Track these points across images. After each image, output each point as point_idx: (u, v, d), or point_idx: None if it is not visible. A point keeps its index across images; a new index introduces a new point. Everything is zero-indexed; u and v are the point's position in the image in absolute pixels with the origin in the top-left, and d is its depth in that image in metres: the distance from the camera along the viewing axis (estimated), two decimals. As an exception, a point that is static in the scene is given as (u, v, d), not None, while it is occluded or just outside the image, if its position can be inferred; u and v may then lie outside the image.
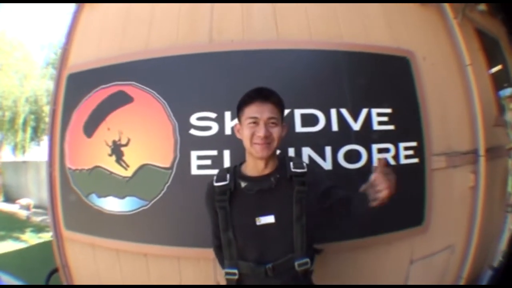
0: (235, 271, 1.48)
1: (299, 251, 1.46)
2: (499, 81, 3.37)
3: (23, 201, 10.36)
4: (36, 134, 13.11)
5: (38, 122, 12.88)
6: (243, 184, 1.49)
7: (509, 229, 2.96)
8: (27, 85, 12.34)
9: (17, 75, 12.28)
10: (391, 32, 2.35)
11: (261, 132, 1.41)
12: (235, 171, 1.55)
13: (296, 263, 1.45)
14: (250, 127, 1.44)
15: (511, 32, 3.39)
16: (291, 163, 1.51)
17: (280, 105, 1.49)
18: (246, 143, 1.46)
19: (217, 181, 1.52)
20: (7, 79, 11.88)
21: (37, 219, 8.69)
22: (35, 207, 10.09)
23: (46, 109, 11.64)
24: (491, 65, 3.42)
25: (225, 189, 1.49)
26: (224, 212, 1.48)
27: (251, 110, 1.44)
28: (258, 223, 1.45)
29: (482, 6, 3.04)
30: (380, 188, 1.32)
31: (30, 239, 6.89)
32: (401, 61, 2.28)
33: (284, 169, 1.50)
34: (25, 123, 12.45)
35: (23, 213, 9.55)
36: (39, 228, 7.69)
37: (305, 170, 1.50)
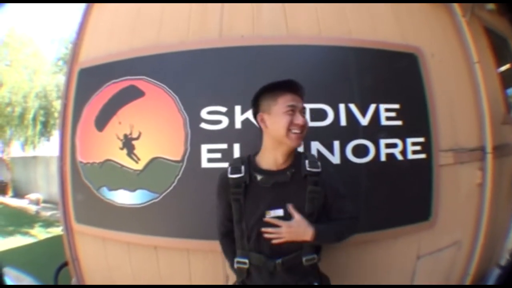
0: (246, 260, 1.52)
1: (307, 248, 1.51)
2: (508, 80, 3.37)
3: (32, 196, 10.45)
4: (45, 129, 13.10)
5: (47, 117, 12.84)
6: (259, 177, 1.50)
7: (517, 227, 2.95)
8: (37, 80, 12.34)
9: (26, 70, 12.30)
10: (400, 29, 2.36)
11: (299, 120, 1.44)
12: (250, 162, 1.55)
13: (304, 259, 1.49)
14: (288, 115, 1.44)
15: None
16: (307, 162, 1.52)
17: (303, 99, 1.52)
18: (281, 131, 1.44)
19: (231, 173, 1.52)
20: (17, 75, 11.89)
21: (46, 214, 8.75)
22: (44, 202, 10.17)
23: (56, 104, 11.60)
24: (500, 64, 3.42)
25: (240, 181, 1.50)
26: (238, 204, 1.51)
27: (287, 99, 1.45)
28: (267, 216, 1.47)
29: (491, 6, 3.04)
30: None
31: (39, 234, 6.93)
32: (409, 58, 2.30)
33: (299, 166, 1.52)
34: (34, 118, 12.45)
35: (32, 208, 9.63)
36: (48, 223, 7.74)
37: (319, 170, 1.51)
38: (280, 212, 1.47)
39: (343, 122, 2.07)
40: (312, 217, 1.48)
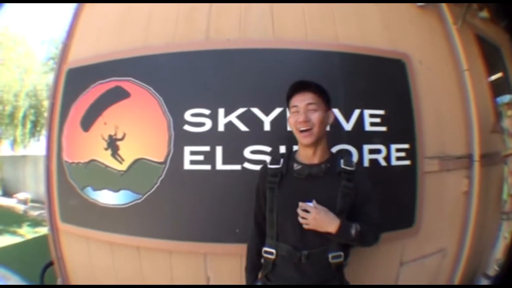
0: (273, 250, 1.59)
1: (334, 244, 1.54)
2: (499, 89, 3.36)
3: (21, 195, 10.33)
4: (35, 129, 13.04)
5: (37, 117, 12.80)
6: (296, 167, 1.59)
7: (504, 237, 2.94)
8: (28, 80, 12.31)
9: (18, 69, 12.27)
10: (388, 35, 2.36)
11: (300, 117, 1.52)
12: (290, 156, 1.66)
13: (330, 255, 1.53)
14: (294, 116, 1.56)
15: (514, 39, 3.39)
16: (342, 160, 1.60)
17: (320, 93, 1.56)
18: (293, 131, 1.58)
19: (271, 164, 1.65)
20: (9, 74, 11.88)
21: (34, 213, 8.66)
22: (32, 201, 10.04)
23: (46, 103, 11.56)
24: (491, 72, 3.41)
25: (277, 171, 1.61)
26: (272, 193, 1.60)
27: (294, 100, 1.57)
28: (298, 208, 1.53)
29: (484, 13, 3.03)
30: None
31: (27, 233, 6.90)
32: (396, 64, 2.30)
33: (334, 163, 1.60)
34: (24, 117, 12.42)
35: (21, 207, 9.53)
36: (35, 223, 7.68)
37: (353, 168, 1.58)
38: (310, 204, 1.52)
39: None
40: (343, 214, 1.53)
